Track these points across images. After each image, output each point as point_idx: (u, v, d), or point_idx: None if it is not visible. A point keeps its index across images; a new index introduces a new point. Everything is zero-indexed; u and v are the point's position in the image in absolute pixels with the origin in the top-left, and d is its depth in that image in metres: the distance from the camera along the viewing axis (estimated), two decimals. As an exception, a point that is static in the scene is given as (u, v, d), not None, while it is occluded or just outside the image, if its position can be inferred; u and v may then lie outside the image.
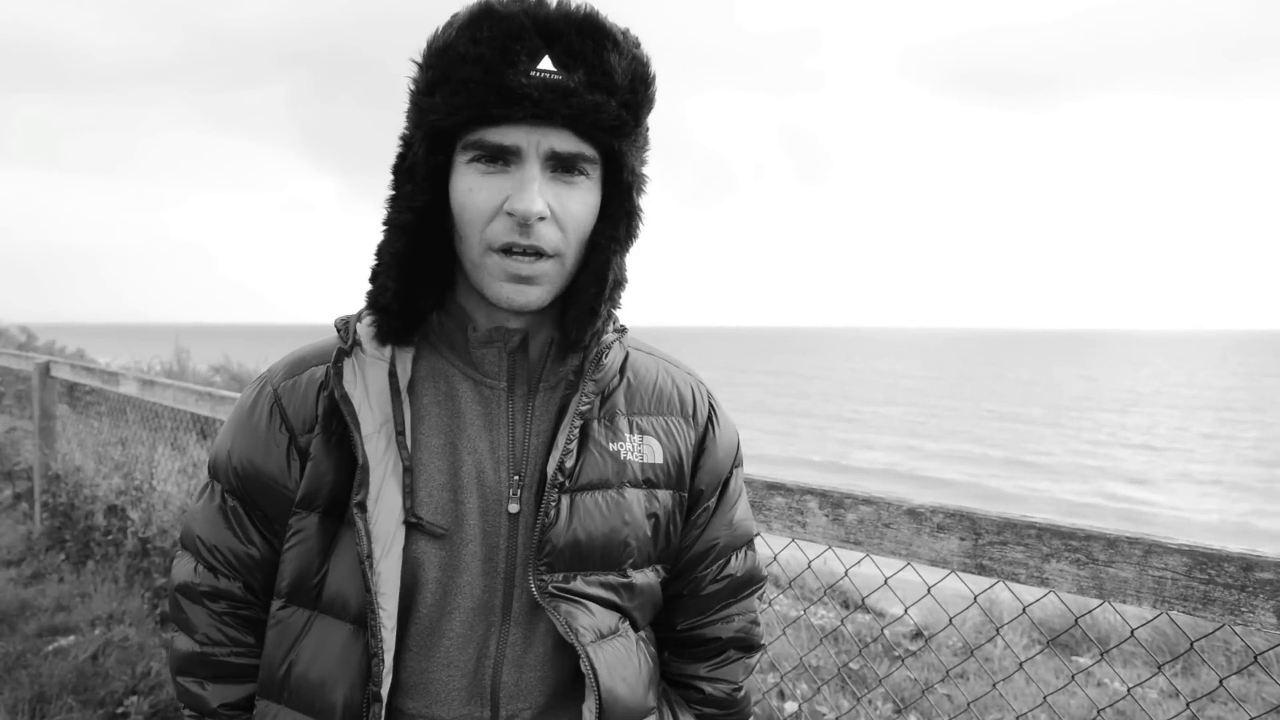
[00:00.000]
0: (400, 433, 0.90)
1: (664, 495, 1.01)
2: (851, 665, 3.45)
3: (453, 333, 0.94)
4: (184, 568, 0.98)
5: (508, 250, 0.85)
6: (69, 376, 5.04)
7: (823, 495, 1.61)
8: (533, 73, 0.81)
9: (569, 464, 0.93)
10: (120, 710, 2.97)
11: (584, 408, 0.94)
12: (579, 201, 0.87)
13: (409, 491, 0.89)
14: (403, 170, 0.89)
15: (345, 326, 0.95)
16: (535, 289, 0.87)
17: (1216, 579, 1.20)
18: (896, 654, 3.68)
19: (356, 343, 0.93)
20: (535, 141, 0.83)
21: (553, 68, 0.82)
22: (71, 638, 3.50)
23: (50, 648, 3.40)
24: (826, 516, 1.60)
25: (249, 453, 0.94)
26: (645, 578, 1.00)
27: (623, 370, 1.02)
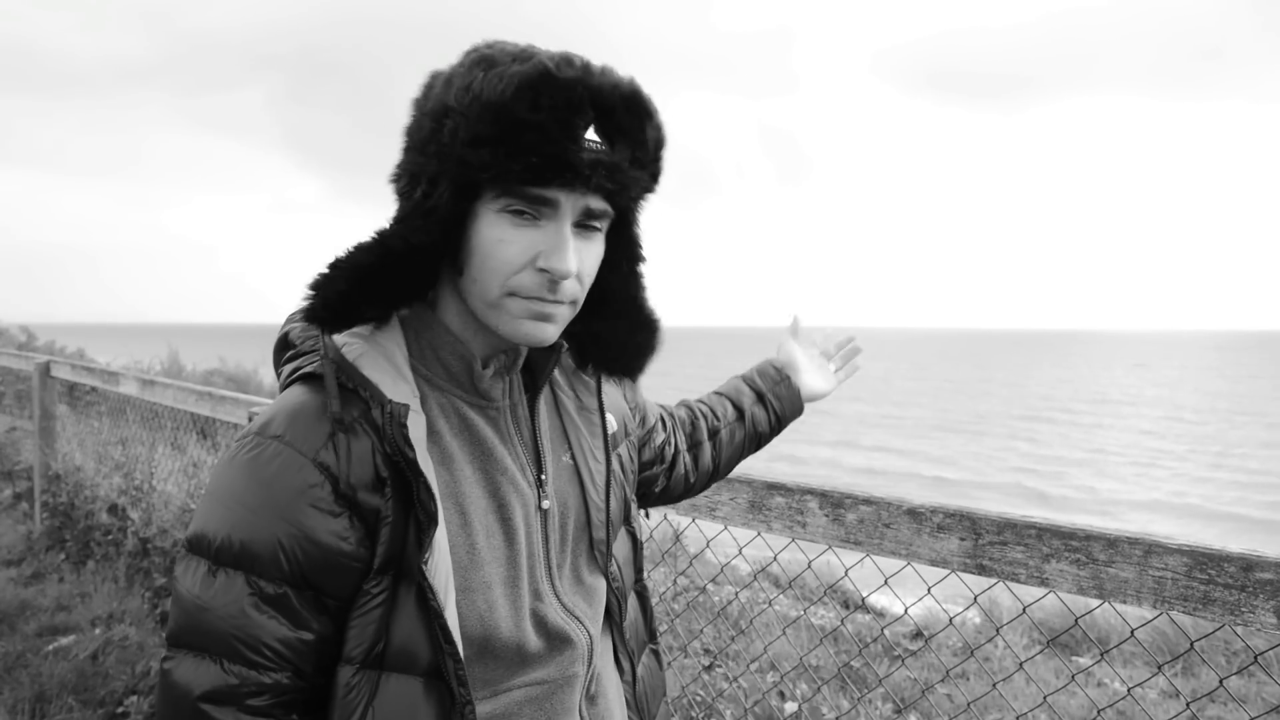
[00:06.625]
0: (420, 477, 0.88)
1: None
2: (852, 664, 3.45)
3: (452, 366, 0.96)
4: (204, 673, 0.85)
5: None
6: (69, 376, 5.04)
7: (823, 495, 1.61)
8: (586, 144, 0.84)
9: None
10: (120, 710, 2.97)
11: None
12: (594, 254, 0.93)
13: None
14: (421, 209, 0.87)
15: (332, 372, 0.89)
16: (553, 326, 0.92)
17: (1216, 579, 1.20)
18: (896, 654, 3.69)
19: (391, 404, 0.87)
20: (574, 201, 0.87)
21: (598, 139, 0.85)
22: (71, 637, 3.50)
23: (50, 647, 3.40)
24: (826, 516, 1.60)
25: (310, 534, 0.85)
26: None
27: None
